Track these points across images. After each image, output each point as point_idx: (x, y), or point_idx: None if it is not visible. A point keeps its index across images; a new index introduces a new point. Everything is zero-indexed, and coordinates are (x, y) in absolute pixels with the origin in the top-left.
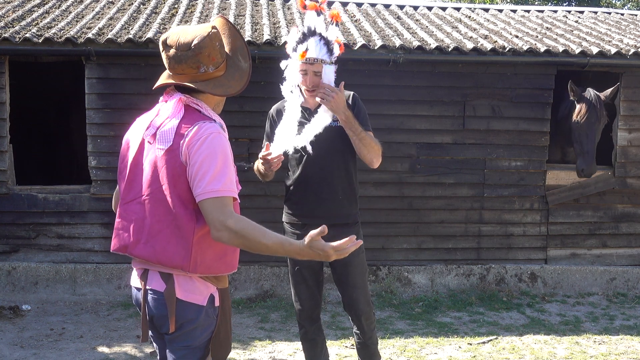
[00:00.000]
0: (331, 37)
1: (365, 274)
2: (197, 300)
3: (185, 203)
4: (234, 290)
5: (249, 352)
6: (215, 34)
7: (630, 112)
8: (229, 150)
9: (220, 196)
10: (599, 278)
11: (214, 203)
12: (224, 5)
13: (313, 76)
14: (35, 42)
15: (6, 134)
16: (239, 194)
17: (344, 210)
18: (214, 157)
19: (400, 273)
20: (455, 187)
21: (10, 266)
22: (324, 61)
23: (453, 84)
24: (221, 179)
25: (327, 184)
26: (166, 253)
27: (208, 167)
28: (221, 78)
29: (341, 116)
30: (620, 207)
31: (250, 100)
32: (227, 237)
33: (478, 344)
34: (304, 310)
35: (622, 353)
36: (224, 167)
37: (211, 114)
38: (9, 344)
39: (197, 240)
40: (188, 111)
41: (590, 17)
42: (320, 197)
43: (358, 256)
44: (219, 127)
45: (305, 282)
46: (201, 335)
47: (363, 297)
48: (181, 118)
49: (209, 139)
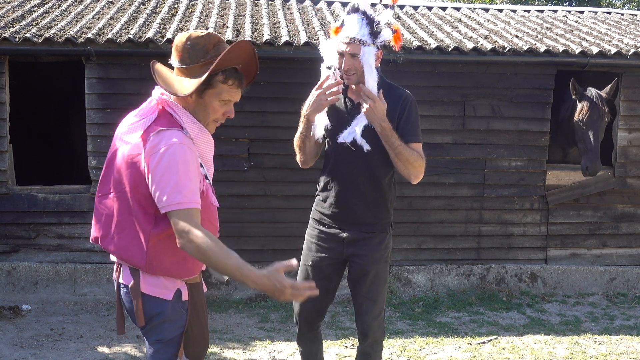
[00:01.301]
0: (381, 18)
1: (384, 286)
2: (163, 294)
3: (145, 207)
4: (234, 290)
5: (249, 352)
6: (198, 36)
7: (630, 112)
8: (192, 160)
9: (182, 208)
10: (599, 278)
11: (177, 215)
12: (224, 5)
13: (349, 58)
14: (35, 42)
15: (6, 134)
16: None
17: (368, 218)
18: (174, 169)
19: (400, 273)
20: (455, 187)
21: (10, 266)
22: (362, 42)
23: (453, 84)
24: (182, 190)
25: (354, 189)
26: (127, 251)
27: (168, 180)
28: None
29: (377, 127)
30: (620, 207)
31: (251, 100)
32: (190, 249)
33: (478, 344)
34: (302, 314)
35: (622, 353)
36: (184, 179)
37: (182, 120)
38: (9, 344)
39: (153, 244)
40: (160, 115)
41: (590, 17)
42: (345, 201)
43: (378, 264)
44: (182, 136)
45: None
46: (170, 329)
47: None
48: (151, 122)
49: (169, 151)
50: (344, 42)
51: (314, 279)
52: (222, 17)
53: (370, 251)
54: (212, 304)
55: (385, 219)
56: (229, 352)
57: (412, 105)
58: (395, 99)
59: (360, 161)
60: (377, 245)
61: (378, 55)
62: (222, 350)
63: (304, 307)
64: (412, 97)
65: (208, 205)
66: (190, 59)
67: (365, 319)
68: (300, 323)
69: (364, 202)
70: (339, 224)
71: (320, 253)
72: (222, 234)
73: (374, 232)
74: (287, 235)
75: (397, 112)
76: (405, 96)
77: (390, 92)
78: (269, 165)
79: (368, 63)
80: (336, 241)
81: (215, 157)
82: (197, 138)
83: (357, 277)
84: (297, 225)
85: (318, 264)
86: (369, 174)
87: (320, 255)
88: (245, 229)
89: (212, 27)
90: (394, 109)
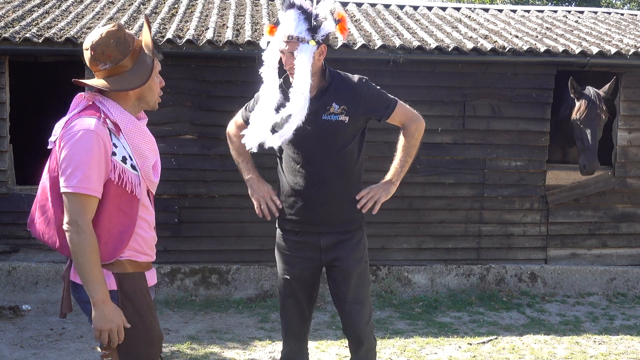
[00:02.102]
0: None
1: (367, 288)
2: None
3: (57, 192)
4: (234, 290)
5: (249, 352)
6: (110, 32)
7: (630, 112)
8: (98, 149)
9: (75, 192)
10: (599, 278)
11: (69, 197)
12: (224, 5)
13: (290, 57)
14: (35, 42)
15: (6, 134)
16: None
17: (343, 217)
18: (77, 154)
19: (400, 273)
20: (455, 187)
21: (10, 266)
22: (300, 39)
23: (453, 84)
24: (78, 175)
25: (325, 188)
26: (45, 235)
27: (69, 162)
28: (126, 74)
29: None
30: (620, 207)
31: (250, 100)
32: (70, 233)
33: (478, 344)
34: (289, 328)
35: (622, 353)
36: (85, 165)
37: (110, 112)
38: (9, 344)
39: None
40: (87, 107)
41: (590, 17)
42: (315, 203)
43: (360, 264)
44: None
45: (294, 296)
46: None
47: (364, 316)
48: (75, 113)
49: (77, 136)
50: (282, 40)
51: (297, 293)
52: (222, 17)
53: (350, 252)
54: (212, 304)
55: (359, 214)
56: (229, 352)
57: (369, 86)
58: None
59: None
60: (356, 244)
61: (322, 50)
62: (222, 350)
63: (291, 320)
64: (364, 80)
65: (122, 194)
66: (122, 53)
67: (358, 325)
68: (289, 339)
69: (337, 199)
70: (313, 228)
71: (300, 264)
72: (222, 234)
73: (351, 232)
74: None
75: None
76: (358, 82)
77: (343, 82)
78: (269, 165)
79: (301, 61)
80: (313, 249)
81: (215, 157)
82: (127, 129)
83: (341, 280)
84: None
85: (301, 277)
86: (341, 170)
87: (300, 267)
88: (245, 229)
89: (212, 27)
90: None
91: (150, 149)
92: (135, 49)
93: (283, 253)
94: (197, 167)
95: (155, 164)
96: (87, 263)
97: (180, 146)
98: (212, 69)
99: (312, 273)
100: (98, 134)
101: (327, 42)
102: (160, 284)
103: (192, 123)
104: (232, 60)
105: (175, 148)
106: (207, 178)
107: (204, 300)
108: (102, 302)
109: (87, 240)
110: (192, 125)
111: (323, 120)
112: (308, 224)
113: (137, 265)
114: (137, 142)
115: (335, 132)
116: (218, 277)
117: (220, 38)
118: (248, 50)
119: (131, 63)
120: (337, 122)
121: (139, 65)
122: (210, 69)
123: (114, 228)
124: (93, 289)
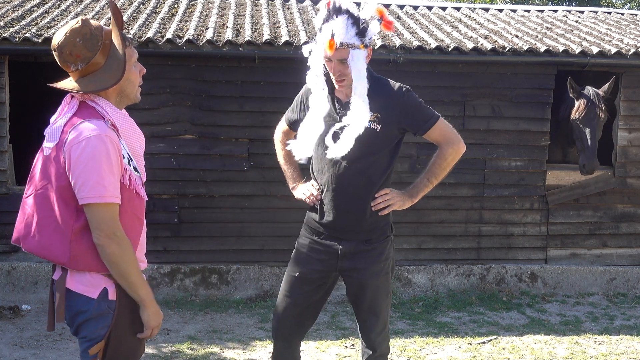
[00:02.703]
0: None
1: (386, 299)
2: (88, 292)
3: (66, 200)
4: (233, 290)
5: (249, 352)
6: (74, 29)
7: (630, 112)
8: (113, 152)
9: (102, 202)
10: (599, 278)
11: (98, 209)
12: (224, 5)
13: (338, 64)
14: (35, 42)
15: (6, 134)
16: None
17: (365, 225)
18: (96, 161)
19: (400, 273)
20: (455, 187)
21: (10, 266)
22: (350, 45)
23: (453, 83)
24: (104, 183)
25: (349, 196)
26: (50, 248)
27: (90, 172)
28: (99, 72)
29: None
30: (620, 207)
31: (251, 100)
32: (110, 245)
33: (478, 344)
34: (280, 329)
35: (622, 353)
36: (107, 171)
37: (106, 111)
38: (8, 344)
39: (75, 238)
40: (82, 108)
41: (591, 17)
42: (340, 208)
43: (378, 277)
44: (103, 128)
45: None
46: (96, 328)
47: (377, 327)
48: (71, 115)
49: (91, 142)
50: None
51: (299, 290)
52: (222, 17)
53: (369, 264)
54: (212, 304)
55: (384, 221)
56: (229, 352)
57: (409, 97)
58: (389, 96)
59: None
60: (376, 257)
61: (368, 53)
62: (222, 350)
63: (283, 321)
64: (404, 89)
65: (133, 198)
66: (91, 50)
67: (370, 336)
68: (276, 339)
69: (361, 207)
70: (334, 233)
71: (310, 264)
72: (222, 234)
73: (373, 242)
74: (287, 235)
75: (396, 111)
76: (398, 91)
77: (382, 88)
78: (269, 165)
79: (357, 68)
80: (329, 253)
81: (215, 157)
82: (123, 128)
83: (356, 291)
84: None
85: (306, 275)
86: (365, 178)
87: (309, 267)
88: (245, 229)
89: (212, 27)
90: (389, 108)
91: (142, 147)
92: (105, 43)
93: (299, 251)
94: (197, 167)
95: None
96: (133, 271)
97: (180, 146)
98: (212, 68)
99: (320, 276)
100: (110, 137)
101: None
102: (160, 284)
103: (192, 123)
104: (232, 60)
105: (175, 148)
106: (207, 178)
107: (204, 300)
108: (152, 301)
109: (129, 248)
110: (192, 125)
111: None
112: (329, 228)
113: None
114: (132, 141)
115: (364, 139)
116: (218, 277)
117: (220, 38)
118: (248, 50)
119: (103, 59)
120: (367, 129)
121: (112, 60)
122: (210, 69)
123: (129, 233)
124: (142, 292)
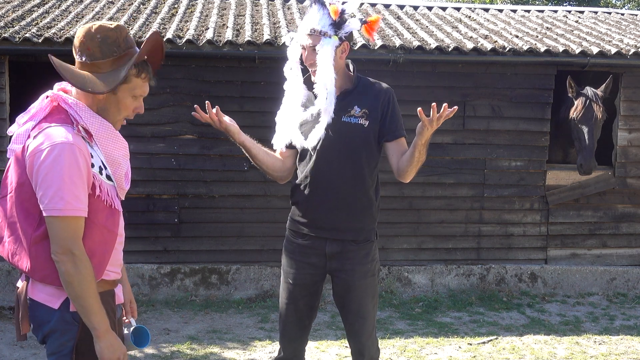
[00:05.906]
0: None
1: (372, 301)
2: (49, 302)
3: (28, 209)
4: (233, 290)
5: (249, 352)
6: (103, 27)
7: (630, 112)
8: (77, 162)
9: (63, 215)
10: (599, 278)
11: (56, 223)
12: (224, 5)
13: (310, 51)
14: (35, 42)
15: (6, 134)
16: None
17: (353, 224)
18: (57, 171)
19: (400, 273)
20: (455, 187)
21: (10, 266)
22: (322, 32)
23: (453, 84)
24: (64, 196)
25: (336, 191)
26: (15, 255)
27: (51, 182)
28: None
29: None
30: (620, 207)
31: (251, 100)
32: (64, 263)
33: (478, 344)
34: (285, 333)
35: (622, 353)
36: (68, 182)
37: (80, 115)
38: (9, 344)
39: (35, 248)
40: (53, 111)
41: (591, 17)
42: (324, 206)
43: (365, 279)
44: (71, 134)
45: (295, 302)
46: (59, 342)
47: (366, 331)
48: (40, 119)
49: (55, 150)
50: (305, 34)
51: (300, 298)
52: (222, 17)
53: (356, 265)
54: (212, 304)
55: (371, 224)
56: (229, 352)
57: (394, 100)
58: (376, 94)
59: (341, 157)
60: (363, 258)
61: (344, 47)
62: (222, 350)
63: (288, 327)
64: (391, 90)
65: (102, 209)
66: (102, 53)
67: (360, 339)
68: (284, 344)
69: (347, 204)
70: (319, 232)
71: (303, 270)
72: (222, 234)
73: (358, 242)
74: None
75: (380, 108)
76: (386, 90)
77: (369, 87)
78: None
79: (324, 55)
80: (318, 255)
81: (215, 157)
82: (98, 134)
83: (344, 293)
84: None
85: (303, 282)
86: (352, 173)
87: (304, 272)
88: (245, 229)
89: (212, 27)
90: (376, 104)
91: (124, 155)
92: (122, 56)
93: (289, 256)
94: (197, 167)
95: (127, 171)
96: (87, 294)
97: (180, 146)
98: (212, 69)
99: (315, 280)
100: (77, 146)
101: (350, 40)
102: (160, 284)
103: (192, 123)
104: (232, 60)
105: (175, 148)
106: (207, 178)
107: (204, 301)
108: (106, 332)
109: (86, 269)
110: (192, 125)
111: (342, 122)
112: (315, 228)
113: (107, 283)
114: (109, 148)
115: (353, 135)
116: (218, 277)
117: (220, 38)
118: (248, 50)
119: (109, 68)
120: (356, 125)
121: (114, 74)
122: (210, 69)
123: (98, 247)
124: (96, 320)
